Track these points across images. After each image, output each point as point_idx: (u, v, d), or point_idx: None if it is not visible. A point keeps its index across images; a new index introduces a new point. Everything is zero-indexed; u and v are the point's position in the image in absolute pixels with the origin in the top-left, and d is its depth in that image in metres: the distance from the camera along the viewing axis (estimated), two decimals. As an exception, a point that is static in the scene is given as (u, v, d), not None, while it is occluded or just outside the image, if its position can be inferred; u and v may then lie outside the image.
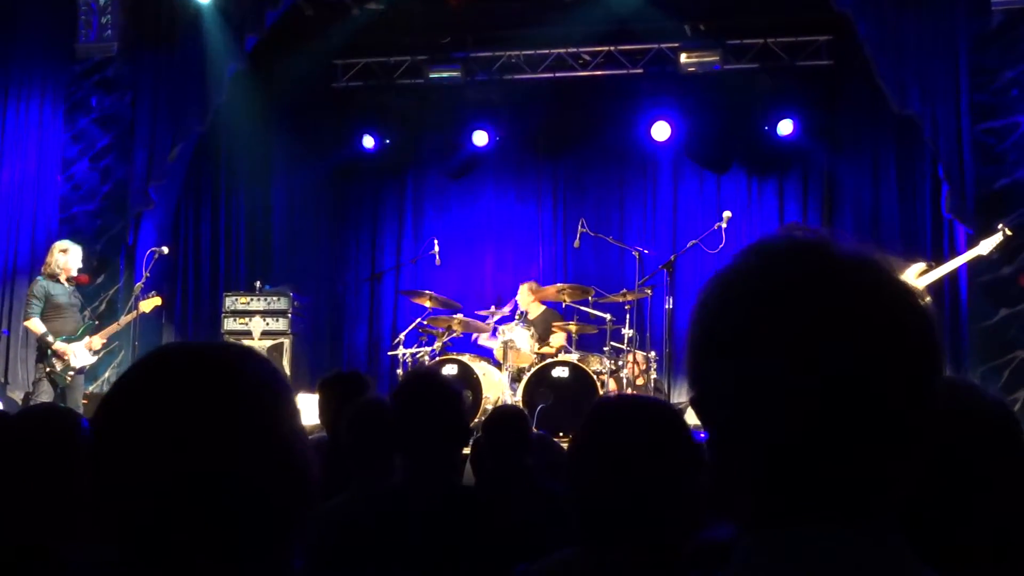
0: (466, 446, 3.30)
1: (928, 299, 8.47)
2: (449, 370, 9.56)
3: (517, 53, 12.76)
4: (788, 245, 1.09)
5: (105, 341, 9.38)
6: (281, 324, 11.42)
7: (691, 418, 9.47)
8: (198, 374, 1.24)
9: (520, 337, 10.08)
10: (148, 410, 1.20)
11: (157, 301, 9.58)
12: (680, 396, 11.14)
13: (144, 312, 9.45)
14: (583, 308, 10.38)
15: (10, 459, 2.43)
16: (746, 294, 1.07)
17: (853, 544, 1.02)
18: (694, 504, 2.17)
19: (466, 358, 9.89)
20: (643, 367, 10.08)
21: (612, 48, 12.57)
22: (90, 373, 9.85)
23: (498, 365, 10.16)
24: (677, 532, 2.18)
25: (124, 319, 9.45)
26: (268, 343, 11.10)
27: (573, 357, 9.79)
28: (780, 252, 1.09)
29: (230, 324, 11.41)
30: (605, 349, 9.91)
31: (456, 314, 10.54)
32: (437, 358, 10.08)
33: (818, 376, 1.01)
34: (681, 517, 2.17)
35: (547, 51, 12.70)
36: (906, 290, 1.07)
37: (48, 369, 8.98)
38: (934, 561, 1.10)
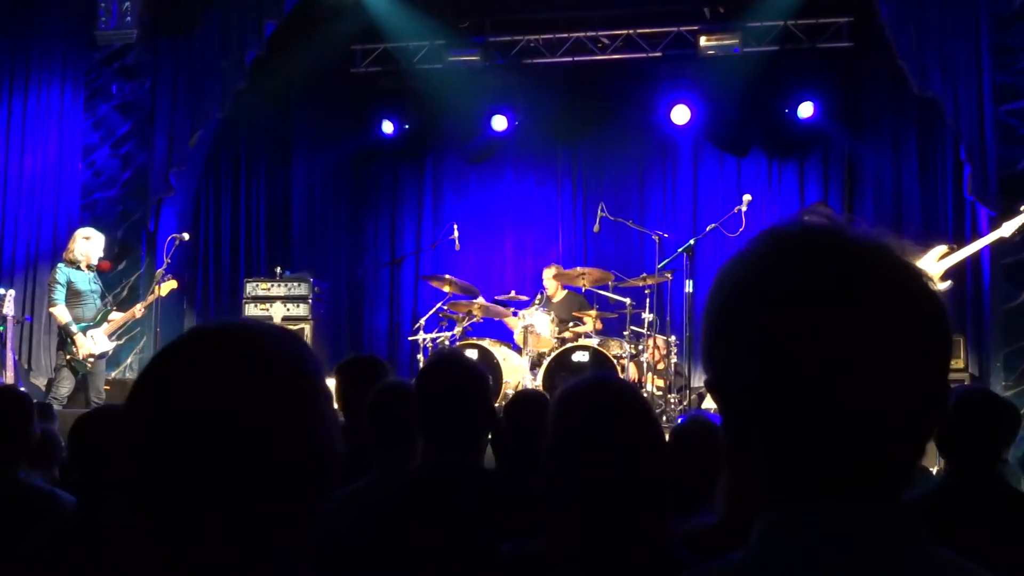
0: (491, 430, 3.30)
1: (949, 283, 8.44)
2: (470, 355, 9.55)
3: (536, 37, 12.72)
4: (801, 230, 1.11)
5: (121, 326, 9.42)
6: (302, 309, 11.46)
7: (711, 402, 9.46)
8: (223, 354, 1.25)
9: (540, 321, 10.09)
10: (173, 389, 1.22)
11: (173, 284, 9.58)
12: (701, 380, 11.13)
13: (162, 296, 9.47)
14: (603, 292, 10.37)
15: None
16: (760, 279, 1.08)
17: (869, 522, 1.04)
18: (662, 491, 2.19)
19: (486, 343, 9.91)
20: (663, 351, 10.07)
21: (631, 32, 12.51)
22: (112, 359, 9.91)
23: (518, 350, 10.16)
24: (646, 520, 2.19)
25: (142, 305, 9.47)
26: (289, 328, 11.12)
27: (593, 341, 9.79)
28: (793, 237, 1.10)
29: (251, 310, 11.45)
30: (625, 333, 9.90)
31: (476, 299, 10.55)
32: (458, 343, 10.09)
33: (831, 360, 1.03)
34: (649, 503, 2.18)
35: (566, 35, 12.65)
36: (918, 275, 1.09)
37: (69, 356, 9.03)
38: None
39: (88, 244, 9.24)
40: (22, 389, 5.42)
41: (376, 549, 2.90)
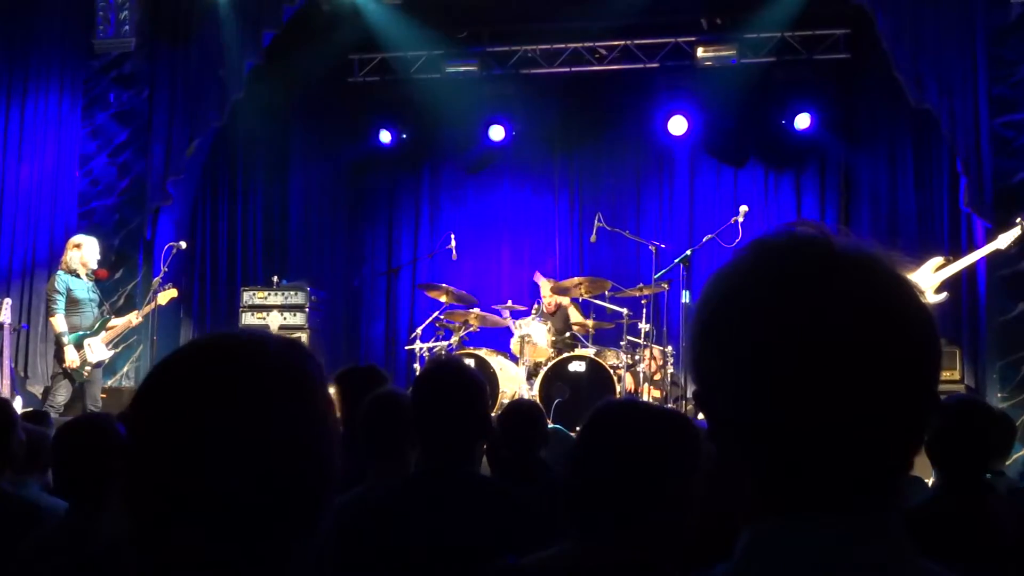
0: (486, 437, 3.30)
1: (945, 294, 8.45)
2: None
3: (533, 48, 12.74)
4: (788, 241, 1.11)
5: (119, 334, 9.42)
6: (298, 319, 11.46)
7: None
8: (223, 364, 1.25)
9: (537, 331, 10.09)
10: (174, 399, 1.23)
11: (173, 293, 9.60)
12: (696, 391, 11.11)
13: (161, 304, 9.47)
14: (600, 303, 10.37)
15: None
16: (747, 290, 1.09)
17: (854, 533, 1.04)
18: (691, 509, 2.19)
19: (483, 352, 9.91)
20: (660, 362, 10.07)
21: (628, 42, 12.53)
22: (108, 368, 9.90)
23: (515, 359, 10.17)
24: (674, 534, 2.19)
25: (140, 313, 9.48)
26: (285, 337, 11.10)
27: (590, 351, 9.79)
28: (780, 248, 1.11)
29: (247, 319, 11.45)
30: (622, 343, 9.89)
31: (473, 308, 10.55)
32: (454, 352, 10.09)
33: (816, 371, 1.03)
34: (679, 521, 2.18)
35: (563, 45, 12.67)
36: (905, 286, 1.09)
37: (65, 365, 9.03)
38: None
39: (81, 251, 9.24)
40: (5, 397, 5.41)
41: (370, 554, 2.91)
